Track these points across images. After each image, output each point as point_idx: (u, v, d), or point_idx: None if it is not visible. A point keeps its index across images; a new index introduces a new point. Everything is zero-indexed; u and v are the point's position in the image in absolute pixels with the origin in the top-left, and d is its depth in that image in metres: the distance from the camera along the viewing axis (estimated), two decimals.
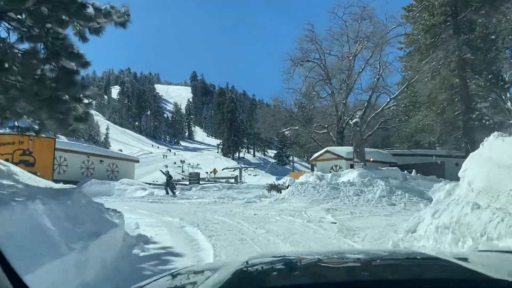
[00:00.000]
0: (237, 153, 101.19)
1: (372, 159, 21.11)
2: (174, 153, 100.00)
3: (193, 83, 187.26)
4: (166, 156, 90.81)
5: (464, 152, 24.04)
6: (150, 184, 27.04)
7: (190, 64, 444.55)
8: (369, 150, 22.75)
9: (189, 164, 75.81)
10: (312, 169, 25.89)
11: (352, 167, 18.82)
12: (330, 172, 19.00)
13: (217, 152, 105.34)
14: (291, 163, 69.96)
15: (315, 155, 26.42)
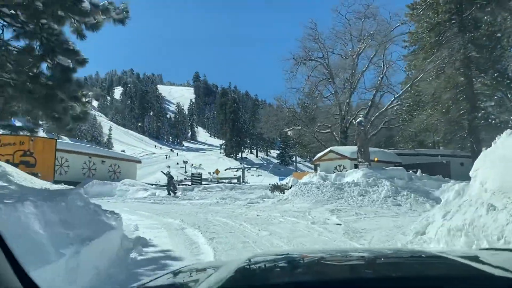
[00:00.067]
0: (239, 154, 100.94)
1: (376, 159, 20.83)
2: (177, 153, 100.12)
3: (196, 84, 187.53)
4: (168, 156, 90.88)
5: (469, 151, 23.74)
6: (152, 184, 26.87)
7: (192, 64, 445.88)
8: (373, 149, 22.45)
9: (192, 164, 75.69)
10: (315, 169, 25.61)
11: (356, 167, 18.55)
12: (334, 172, 18.74)
13: (220, 152, 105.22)
14: (294, 163, 69.62)
15: (318, 155, 26.15)
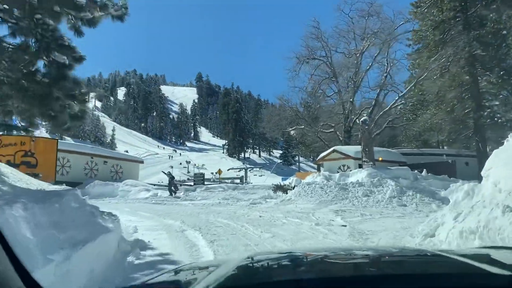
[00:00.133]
0: (242, 154, 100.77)
1: (381, 159, 20.57)
2: (180, 153, 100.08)
3: (199, 84, 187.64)
4: (171, 157, 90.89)
5: (474, 151, 23.44)
6: (154, 185, 26.72)
7: (195, 65, 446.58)
8: (378, 149, 22.18)
9: (195, 164, 75.61)
10: (319, 169, 25.35)
11: (360, 166, 18.28)
12: (338, 172, 18.51)
13: (223, 152, 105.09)
14: (297, 163, 69.37)
15: (321, 155, 25.87)
